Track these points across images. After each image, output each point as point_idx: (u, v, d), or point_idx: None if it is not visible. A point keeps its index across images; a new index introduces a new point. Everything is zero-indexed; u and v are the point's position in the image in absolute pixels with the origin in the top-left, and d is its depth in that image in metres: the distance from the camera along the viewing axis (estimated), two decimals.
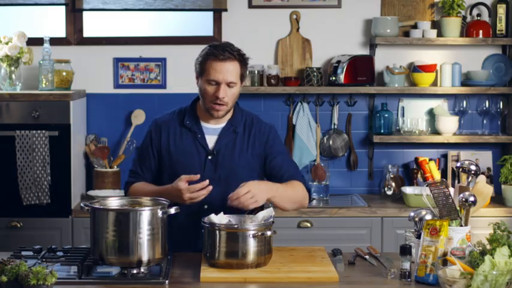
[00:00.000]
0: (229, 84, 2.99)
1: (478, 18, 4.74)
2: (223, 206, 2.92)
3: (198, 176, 2.91)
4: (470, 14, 4.80)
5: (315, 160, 4.78)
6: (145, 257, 2.61)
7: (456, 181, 4.34)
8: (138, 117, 4.75)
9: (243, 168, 3.06)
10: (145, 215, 2.61)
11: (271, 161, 3.11)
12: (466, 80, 4.77)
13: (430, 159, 4.66)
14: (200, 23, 4.86)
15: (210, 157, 3.07)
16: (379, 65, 4.76)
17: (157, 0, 4.75)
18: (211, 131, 3.10)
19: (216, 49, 3.00)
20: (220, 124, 3.11)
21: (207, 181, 2.88)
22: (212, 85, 3.00)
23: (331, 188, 4.74)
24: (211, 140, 3.09)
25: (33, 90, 4.50)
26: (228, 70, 2.98)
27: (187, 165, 3.03)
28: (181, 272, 2.71)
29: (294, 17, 4.80)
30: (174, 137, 3.10)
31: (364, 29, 4.82)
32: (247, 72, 3.14)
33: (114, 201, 2.78)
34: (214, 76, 2.98)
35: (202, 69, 3.02)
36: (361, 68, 4.64)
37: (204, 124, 3.11)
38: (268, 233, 2.70)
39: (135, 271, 2.63)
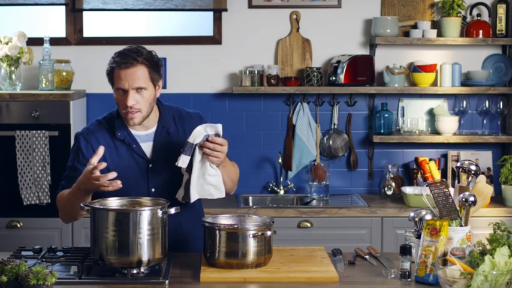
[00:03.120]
0: (138, 90, 2.89)
1: (478, 18, 4.74)
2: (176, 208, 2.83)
3: (101, 150, 2.78)
4: (470, 14, 4.80)
5: (315, 160, 4.78)
6: (145, 257, 2.61)
7: (456, 181, 4.33)
8: None
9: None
10: (145, 215, 2.61)
11: None
12: (466, 80, 4.77)
13: (430, 159, 4.66)
14: (200, 23, 4.86)
15: (150, 165, 2.99)
16: (379, 65, 4.77)
17: (157, 0, 4.75)
18: (145, 138, 3.01)
19: (119, 57, 2.92)
20: (151, 129, 3.02)
21: (115, 174, 2.73)
22: (120, 93, 2.92)
23: (331, 188, 4.74)
24: (147, 148, 3.00)
25: (33, 90, 4.51)
26: (132, 76, 2.88)
27: (128, 178, 2.91)
28: (181, 272, 2.71)
29: (294, 17, 4.80)
30: (108, 151, 2.96)
31: (364, 29, 4.82)
32: (160, 74, 2.97)
33: (114, 201, 2.78)
34: (120, 84, 2.90)
35: (111, 79, 2.96)
36: (361, 68, 4.64)
37: (134, 132, 3.01)
38: (268, 233, 2.70)
39: (135, 271, 2.63)
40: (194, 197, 2.91)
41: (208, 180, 2.91)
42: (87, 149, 3.00)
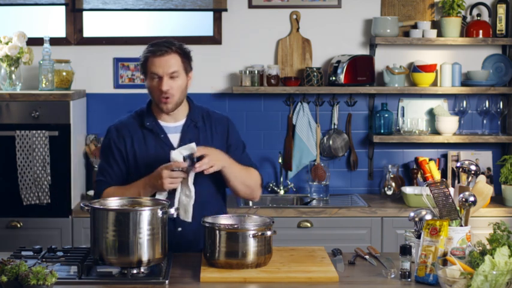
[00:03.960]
0: (171, 76, 3.01)
1: (478, 18, 4.74)
2: (196, 200, 2.97)
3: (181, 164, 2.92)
4: (470, 14, 4.80)
5: (315, 160, 4.78)
6: (145, 257, 2.61)
7: (456, 181, 4.33)
8: None
9: None
10: (145, 215, 2.61)
11: (231, 153, 3.11)
12: (466, 80, 4.77)
13: (430, 159, 4.66)
14: (200, 23, 4.86)
15: None
16: (379, 65, 4.77)
17: (157, 0, 4.76)
18: (173, 130, 3.11)
19: (153, 46, 3.05)
20: (180, 121, 3.12)
21: (185, 163, 2.89)
22: (155, 80, 3.02)
23: (331, 188, 4.74)
24: (174, 139, 3.09)
25: (33, 90, 4.51)
26: (167, 63, 3.01)
27: (154, 167, 2.99)
28: (181, 272, 2.71)
29: (294, 17, 4.80)
30: (137, 141, 3.09)
31: (364, 29, 4.82)
32: (191, 66, 3.12)
33: (114, 201, 2.78)
34: (155, 70, 3.01)
35: (145, 68, 3.06)
36: (361, 68, 4.64)
37: (163, 123, 3.12)
38: (268, 233, 2.70)
39: (135, 271, 2.63)
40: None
41: (182, 200, 2.96)
42: (119, 139, 3.12)
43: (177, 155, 2.92)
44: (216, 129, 3.14)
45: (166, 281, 2.58)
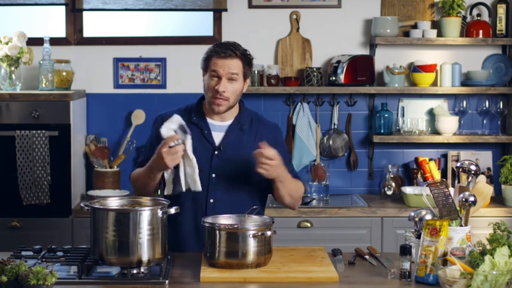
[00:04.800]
0: (231, 78, 3.04)
1: (478, 18, 4.74)
2: (229, 200, 3.03)
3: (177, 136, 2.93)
4: (470, 14, 4.80)
5: (315, 160, 4.78)
6: (145, 257, 2.61)
7: (456, 181, 4.33)
8: (138, 117, 4.75)
9: (248, 164, 3.07)
10: (145, 215, 2.61)
11: None
12: (466, 80, 4.77)
13: (430, 159, 4.66)
14: (200, 23, 4.86)
15: (216, 152, 3.10)
16: (379, 65, 4.77)
17: (157, 0, 4.76)
18: (218, 128, 3.13)
19: (219, 47, 3.09)
20: (227, 121, 3.14)
21: (178, 135, 2.91)
22: (214, 79, 3.05)
23: (331, 188, 4.74)
24: (217, 137, 3.12)
25: (33, 90, 4.50)
26: (229, 65, 3.05)
27: None
28: (181, 272, 2.71)
29: (294, 17, 4.80)
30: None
31: (364, 29, 4.82)
32: (251, 72, 3.20)
33: (114, 201, 2.78)
34: (216, 69, 3.05)
35: (206, 65, 3.09)
36: (361, 68, 4.64)
37: (210, 121, 3.14)
38: (268, 233, 2.70)
39: (135, 271, 2.63)
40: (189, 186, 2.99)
41: (187, 172, 2.97)
42: None
43: (168, 131, 2.93)
44: (262, 135, 3.15)
45: (166, 281, 2.58)
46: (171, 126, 2.94)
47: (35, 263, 2.75)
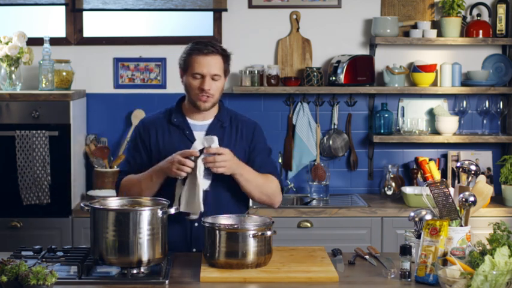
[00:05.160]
0: (213, 77, 3.06)
1: (478, 18, 4.74)
2: (213, 198, 3.03)
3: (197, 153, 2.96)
4: (470, 14, 4.80)
5: (315, 160, 4.78)
6: (145, 257, 2.61)
7: (456, 181, 4.33)
8: (138, 117, 4.74)
9: None
10: (145, 215, 2.61)
11: (254, 157, 3.16)
12: (466, 80, 4.77)
13: (430, 159, 4.66)
14: (200, 23, 4.86)
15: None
16: (379, 65, 4.77)
17: (157, 0, 4.75)
18: (199, 128, 3.14)
19: (199, 44, 3.10)
20: (207, 120, 3.16)
21: (198, 152, 2.94)
22: (197, 79, 3.07)
23: (331, 188, 4.74)
24: (199, 136, 3.12)
25: (33, 90, 4.50)
26: (211, 63, 3.07)
27: None
28: (181, 272, 2.71)
29: (294, 17, 4.80)
30: (162, 134, 3.14)
31: (364, 29, 4.82)
32: (229, 69, 3.19)
33: (114, 201, 2.78)
34: (199, 69, 3.06)
35: (187, 65, 3.10)
36: (361, 68, 4.64)
37: (191, 121, 3.16)
38: (268, 233, 2.70)
39: (135, 271, 2.63)
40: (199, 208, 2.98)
41: (184, 192, 2.98)
42: (144, 132, 3.16)
43: (199, 145, 2.97)
44: (241, 132, 3.17)
45: (166, 281, 2.58)
46: (204, 142, 2.96)
47: (35, 263, 2.76)
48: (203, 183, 2.99)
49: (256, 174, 3.11)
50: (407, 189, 4.50)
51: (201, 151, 2.95)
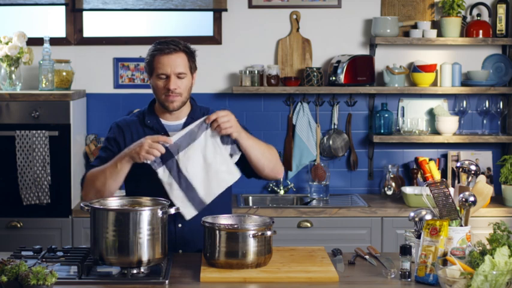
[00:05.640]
0: (178, 76, 3.03)
1: (478, 18, 4.74)
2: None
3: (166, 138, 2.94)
4: (470, 14, 4.80)
5: (315, 160, 4.78)
6: (145, 257, 2.61)
7: (456, 181, 4.34)
8: None
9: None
10: (145, 215, 2.61)
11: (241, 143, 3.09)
12: (466, 80, 4.77)
13: (430, 159, 4.67)
14: (200, 23, 4.86)
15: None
16: (379, 65, 4.77)
17: (157, 0, 4.76)
18: (173, 128, 3.11)
19: (161, 44, 3.06)
20: (181, 120, 3.13)
21: (172, 140, 2.93)
22: (162, 79, 3.03)
23: (331, 188, 4.74)
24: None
25: (33, 90, 4.51)
26: (175, 62, 3.02)
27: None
28: (181, 272, 2.71)
29: (294, 17, 4.80)
30: (137, 136, 3.07)
31: (364, 29, 4.82)
32: (196, 65, 3.13)
33: (114, 201, 2.78)
34: (163, 70, 3.02)
35: (151, 67, 3.06)
36: (361, 68, 4.64)
37: (164, 122, 3.12)
38: (268, 233, 2.70)
39: (135, 271, 2.63)
40: (213, 194, 2.98)
41: (219, 168, 2.96)
42: (119, 134, 3.12)
43: (173, 134, 2.97)
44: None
45: (166, 281, 2.58)
46: (178, 135, 2.95)
47: (35, 263, 2.75)
48: (232, 149, 2.97)
49: (257, 140, 3.08)
50: (407, 189, 4.50)
51: (199, 126, 2.93)
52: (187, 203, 2.97)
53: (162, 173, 2.96)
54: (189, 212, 2.98)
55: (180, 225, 3.04)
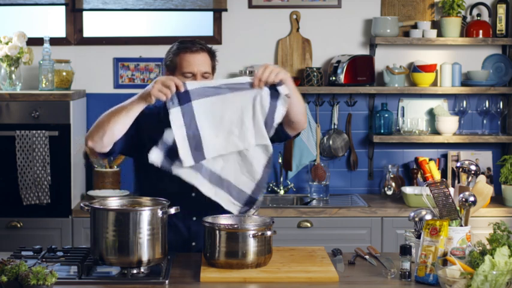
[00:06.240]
0: (203, 75, 3.01)
1: (478, 18, 4.74)
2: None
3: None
4: (470, 14, 4.80)
5: (315, 160, 4.78)
6: (145, 257, 2.61)
7: (456, 181, 4.34)
8: None
9: None
10: (145, 215, 2.61)
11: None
12: (466, 80, 4.77)
13: (430, 159, 4.67)
14: (200, 23, 4.86)
15: None
16: (379, 65, 4.77)
17: (157, 0, 4.76)
18: None
19: (186, 43, 3.05)
20: None
21: (183, 85, 2.84)
22: (188, 78, 3.00)
23: (331, 188, 4.74)
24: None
25: (33, 90, 4.51)
26: (200, 61, 3.01)
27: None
28: (181, 272, 2.71)
29: (294, 17, 4.80)
30: (155, 128, 3.00)
31: (364, 29, 4.82)
32: (215, 67, 3.11)
33: (114, 201, 2.78)
34: (189, 68, 3.00)
35: (175, 65, 3.03)
36: (361, 68, 4.64)
37: None
38: (268, 233, 2.70)
39: (135, 271, 2.63)
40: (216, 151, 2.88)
41: (233, 130, 2.87)
42: (144, 119, 3.01)
43: (190, 83, 2.86)
44: None
45: (166, 281, 2.58)
46: (205, 84, 2.85)
47: (35, 263, 2.75)
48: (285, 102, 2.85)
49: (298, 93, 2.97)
50: (408, 189, 4.50)
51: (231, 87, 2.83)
52: (188, 149, 2.85)
53: (176, 114, 2.84)
54: (187, 160, 2.85)
55: (194, 218, 3.03)
